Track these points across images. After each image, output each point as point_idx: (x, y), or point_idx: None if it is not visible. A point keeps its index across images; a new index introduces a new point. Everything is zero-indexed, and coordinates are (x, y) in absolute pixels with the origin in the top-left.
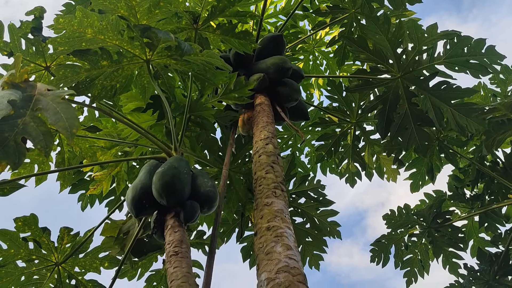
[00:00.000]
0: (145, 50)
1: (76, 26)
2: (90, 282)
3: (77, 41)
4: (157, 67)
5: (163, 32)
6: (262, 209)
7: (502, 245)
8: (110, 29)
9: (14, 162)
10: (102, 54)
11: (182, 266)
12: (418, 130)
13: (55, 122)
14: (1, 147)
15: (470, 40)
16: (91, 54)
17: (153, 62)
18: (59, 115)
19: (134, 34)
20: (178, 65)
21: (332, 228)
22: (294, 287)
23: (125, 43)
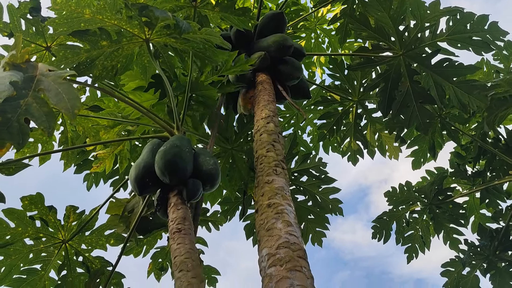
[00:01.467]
0: (144, 29)
1: (73, 6)
2: (97, 258)
3: (76, 22)
4: (156, 46)
5: (161, 11)
6: (263, 186)
7: (502, 221)
8: (108, 8)
9: (18, 142)
10: (101, 34)
11: (185, 242)
12: (419, 108)
13: (57, 103)
14: (5, 128)
15: (473, 17)
16: (90, 34)
17: (153, 41)
18: (60, 96)
19: (133, 13)
20: (178, 44)
21: (334, 205)
22: (294, 262)
23: (124, 22)
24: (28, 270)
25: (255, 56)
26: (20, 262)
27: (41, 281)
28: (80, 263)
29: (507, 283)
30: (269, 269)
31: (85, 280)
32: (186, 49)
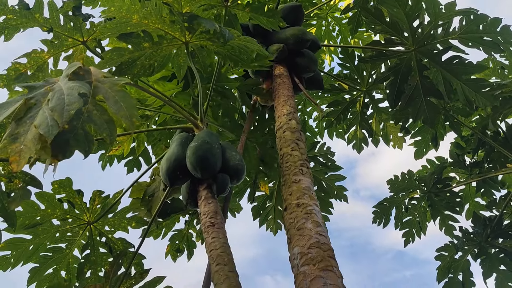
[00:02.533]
0: (184, 33)
1: (124, 13)
2: (119, 240)
3: (124, 26)
4: (194, 48)
5: (209, 22)
6: (290, 185)
7: (496, 210)
8: (153, 14)
9: (85, 149)
10: (144, 36)
11: (219, 236)
12: (427, 102)
13: (116, 111)
14: (72, 135)
15: (486, 18)
16: (134, 36)
17: (191, 43)
18: (119, 105)
19: (175, 18)
20: (214, 46)
21: (339, 192)
22: (325, 262)
23: (167, 26)
24: (54, 248)
25: (273, 48)
26: (47, 241)
27: (66, 258)
28: (103, 244)
29: (496, 268)
30: (302, 267)
31: (107, 259)
32: (222, 52)
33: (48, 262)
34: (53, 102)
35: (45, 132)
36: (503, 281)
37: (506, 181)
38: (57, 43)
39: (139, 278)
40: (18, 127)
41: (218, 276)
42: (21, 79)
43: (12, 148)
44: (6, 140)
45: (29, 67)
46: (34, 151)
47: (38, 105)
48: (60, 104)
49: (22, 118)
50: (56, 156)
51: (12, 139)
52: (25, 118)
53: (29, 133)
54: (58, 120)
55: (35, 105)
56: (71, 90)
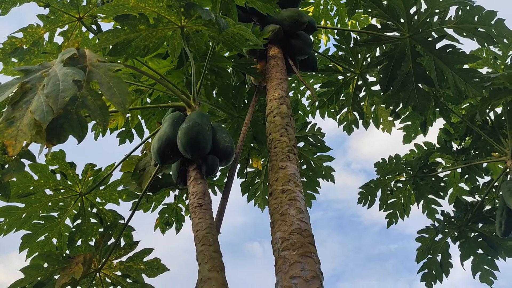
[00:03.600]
0: (181, 17)
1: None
2: (109, 211)
3: (121, 8)
4: (189, 32)
5: (206, 12)
6: (277, 171)
7: (478, 196)
8: None
9: (78, 134)
10: (140, 18)
11: (206, 217)
12: (418, 89)
13: (110, 97)
14: (66, 120)
15: (482, 10)
16: (131, 18)
17: (187, 27)
18: (112, 90)
19: (172, 3)
20: (210, 31)
21: (327, 172)
22: (305, 248)
23: (163, 10)
24: (46, 216)
25: (269, 29)
26: (39, 210)
27: (57, 227)
28: (94, 214)
29: (474, 251)
30: (283, 252)
31: (97, 229)
32: (216, 36)
33: (40, 230)
34: (48, 88)
35: (40, 118)
36: (479, 264)
37: (490, 169)
38: (53, 18)
39: (128, 249)
40: (14, 112)
41: (202, 256)
42: (17, 53)
43: (8, 132)
44: (3, 124)
45: (25, 41)
46: (29, 136)
47: (34, 89)
48: (55, 90)
49: (18, 102)
50: (51, 140)
51: (8, 123)
52: (21, 103)
53: (24, 118)
54: (53, 106)
55: (31, 89)
56: (65, 76)
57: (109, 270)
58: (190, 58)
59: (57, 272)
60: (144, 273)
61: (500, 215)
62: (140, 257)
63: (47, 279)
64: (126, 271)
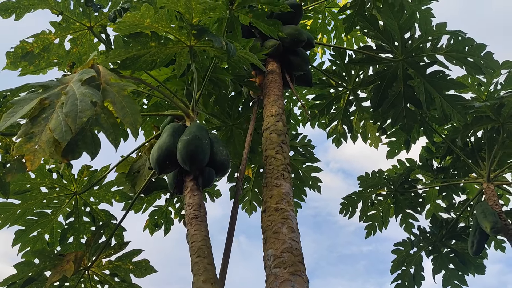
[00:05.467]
0: (190, 38)
1: (138, 17)
2: (102, 211)
3: (136, 27)
4: (196, 51)
5: (217, 39)
6: (271, 189)
7: (453, 213)
8: (164, 19)
9: (92, 151)
10: (152, 36)
11: (201, 229)
12: (407, 110)
13: (122, 117)
14: (80, 137)
15: (472, 42)
16: (143, 36)
17: (195, 47)
18: (125, 110)
19: (184, 25)
20: (216, 52)
21: (314, 183)
22: (295, 266)
23: (175, 30)
24: (40, 213)
25: (269, 44)
26: (34, 206)
27: (50, 224)
28: (87, 213)
29: (445, 266)
30: (274, 269)
31: (89, 227)
32: (222, 57)
33: (34, 226)
34: (67, 107)
35: (60, 137)
36: (450, 279)
37: (467, 188)
38: (65, 26)
39: (118, 248)
40: (33, 127)
41: (197, 268)
42: (28, 57)
43: (27, 147)
44: (22, 139)
45: (36, 46)
46: (47, 153)
47: (52, 106)
48: (73, 110)
49: (37, 118)
50: (66, 156)
51: (28, 138)
52: (39, 118)
53: (43, 134)
54: (71, 125)
55: (49, 105)
56: (83, 96)
57: (97, 268)
58: (194, 73)
59: (47, 268)
60: (132, 273)
61: (473, 234)
62: (129, 257)
63: (37, 275)
64: (115, 270)
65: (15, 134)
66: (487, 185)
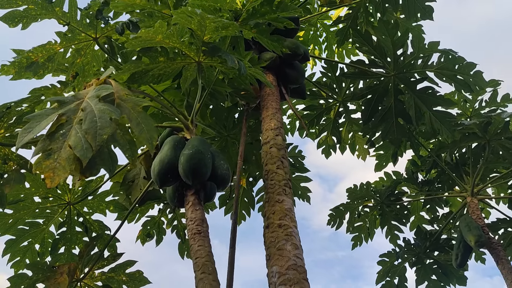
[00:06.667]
0: (199, 54)
1: (151, 33)
2: (96, 222)
3: (147, 43)
4: (203, 66)
5: (230, 58)
6: (274, 204)
7: (437, 225)
8: (175, 34)
9: (109, 168)
10: (161, 51)
11: (205, 245)
12: (397, 125)
13: (138, 133)
14: (98, 154)
15: (463, 60)
16: (152, 51)
17: (203, 63)
18: (141, 127)
19: (194, 41)
20: (223, 68)
21: (303, 192)
22: (300, 284)
23: (184, 46)
24: (31, 223)
25: (267, 56)
26: (26, 216)
27: (41, 233)
28: (80, 223)
29: (428, 277)
30: (280, 286)
31: (82, 238)
32: (228, 73)
33: (25, 235)
34: (86, 124)
35: (81, 155)
36: None
37: (450, 201)
38: (71, 36)
39: (111, 260)
40: (51, 143)
41: (202, 284)
42: (32, 67)
43: (46, 164)
44: (41, 156)
45: (41, 56)
46: (68, 171)
47: (69, 122)
48: (93, 127)
49: (55, 134)
50: (85, 173)
51: (46, 155)
52: (57, 135)
53: (63, 151)
54: (92, 143)
55: (67, 121)
56: (102, 113)
57: (90, 280)
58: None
59: (40, 280)
60: (126, 284)
61: (457, 247)
62: (123, 268)
63: (29, 287)
64: (107, 281)
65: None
66: (471, 199)
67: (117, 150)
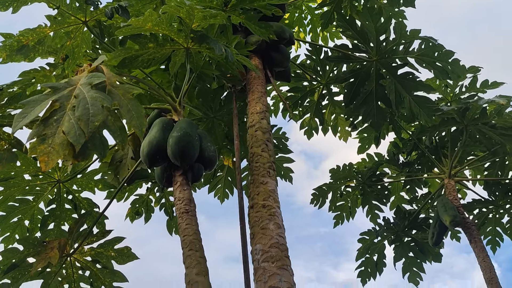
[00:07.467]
0: (188, 40)
1: (141, 22)
2: (85, 199)
3: (137, 30)
4: (192, 52)
5: (218, 46)
6: (258, 186)
7: (416, 205)
8: (165, 22)
9: (100, 153)
10: (150, 38)
11: (192, 224)
12: (378, 108)
13: (129, 119)
14: (90, 139)
15: (442, 48)
16: (142, 37)
17: (192, 49)
18: (131, 113)
19: (183, 28)
20: (211, 53)
21: (286, 173)
22: (282, 261)
23: (173, 33)
24: (21, 200)
25: (253, 39)
26: (16, 193)
27: (31, 210)
28: (69, 201)
29: (406, 254)
30: (262, 263)
31: (71, 215)
32: (215, 58)
33: (15, 212)
34: (79, 111)
35: (74, 140)
36: (409, 266)
37: (429, 182)
38: (60, 20)
39: (100, 236)
40: (46, 129)
41: (190, 261)
42: (23, 51)
43: (41, 149)
44: (36, 140)
45: (31, 39)
46: (62, 155)
47: (63, 108)
48: (85, 114)
49: (48, 120)
50: (77, 158)
51: (41, 140)
52: (51, 120)
53: (56, 136)
54: (84, 129)
55: (60, 107)
56: (94, 101)
57: (79, 255)
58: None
59: (30, 254)
60: (114, 260)
61: (433, 226)
62: (111, 244)
63: (20, 261)
64: (96, 256)
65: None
66: (448, 181)
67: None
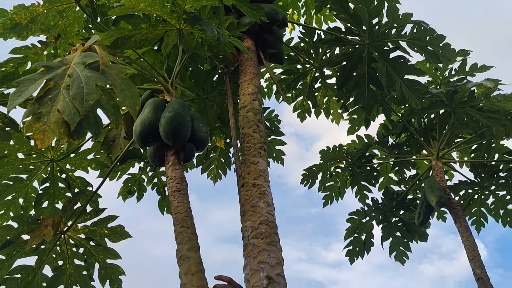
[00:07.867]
0: (180, 21)
1: (134, 2)
2: (78, 178)
3: (130, 10)
4: (184, 33)
5: (210, 28)
6: (249, 166)
7: (404, 186)
8: (158, 2)
9: (95, 131)
10: (143, 18)
11: (184, 202)
12: (369, 91)
13: (122, 99)
14: (84, 118)
15: (433, 32)
16: (135, 18)
17: (184, 30)
18: (125, 93)
19: (175, 9)
20: (203, 35)
21: (278, 155)
22: (271, 237)
23: (166, 14)
24: (15, 178)
25: (246, 21)
26: (10, 172)
27: (25, 188)
28: (63, 179)
29: (393, 233)
30: (252, 239)
31: (64, 193)
32: (207, 39)
33: (9, 190)
34: (73, 90)
35: (69, 119)
36: (396, 245)
37: (417, 164)
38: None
39: (94, 214)
40: (41, 107)
41: (181, 237)
42: (17, 29)
43: (36, 127)
44: (31, 118)
45: (24, 18)
46: (57, 134)
47: (57, 87)
48: (79, 93)
49: (43, 98)
50: (72, 136)
51: (36, 118)
52: (46, 99)
53: (51, 115)
54: (79, 108)
55: (54, 86)
56: (88, 80)
57: (73, 232)
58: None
59: (25, 231)
60: (108, 237)
61: (420, 207)
62: (105, 222)
63: (15, 238)
64: (90, 234)
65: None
66: (436, 162)
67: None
